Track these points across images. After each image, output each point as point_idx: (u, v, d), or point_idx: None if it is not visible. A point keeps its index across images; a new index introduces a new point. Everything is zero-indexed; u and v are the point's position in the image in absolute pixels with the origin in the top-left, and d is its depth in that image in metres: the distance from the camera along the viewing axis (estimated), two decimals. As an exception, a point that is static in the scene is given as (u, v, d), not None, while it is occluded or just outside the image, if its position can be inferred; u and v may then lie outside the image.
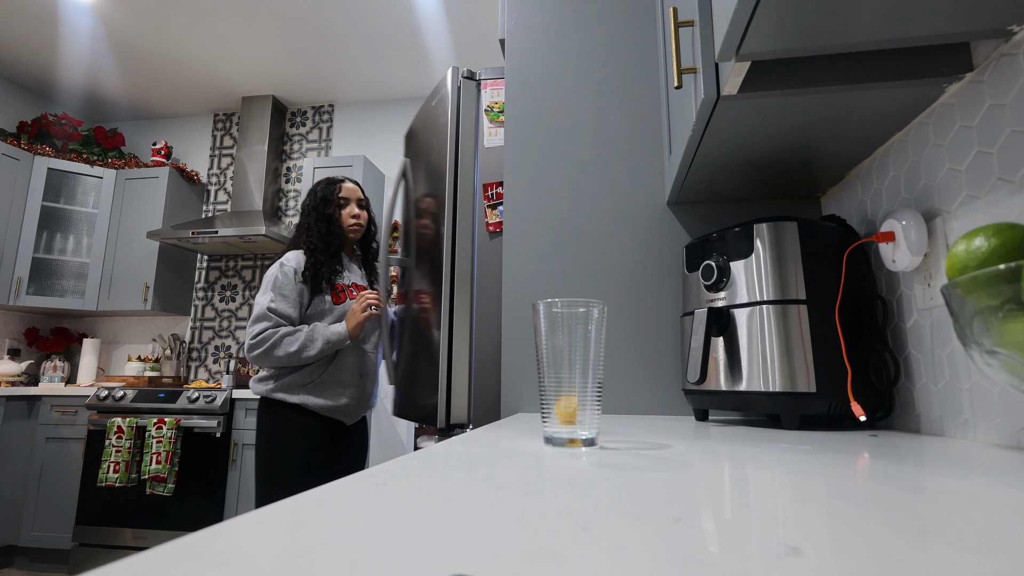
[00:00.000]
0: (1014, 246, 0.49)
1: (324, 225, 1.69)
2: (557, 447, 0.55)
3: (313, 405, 1.59)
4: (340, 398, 1.63)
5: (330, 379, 1.62)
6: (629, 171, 1.26)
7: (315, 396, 1.60)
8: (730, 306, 0.90)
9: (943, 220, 0.73)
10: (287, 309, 1.58)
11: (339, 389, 1.63)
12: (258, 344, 1.54)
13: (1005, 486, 0.37)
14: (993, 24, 0.59)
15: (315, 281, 1.63)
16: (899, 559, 0.21)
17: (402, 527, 0.26)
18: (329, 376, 1.62)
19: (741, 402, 0.87)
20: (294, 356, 1.54)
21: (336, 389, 1.63)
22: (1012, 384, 0.43)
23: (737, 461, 0.48)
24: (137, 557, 0.21)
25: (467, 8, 2.91)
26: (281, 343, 1.54)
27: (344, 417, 1.67)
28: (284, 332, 1.55)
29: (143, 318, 3.76)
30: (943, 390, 0.73)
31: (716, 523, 0.27)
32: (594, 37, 1.33)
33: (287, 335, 1.55)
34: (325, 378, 1.62)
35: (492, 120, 1.57)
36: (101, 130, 3.79)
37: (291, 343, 1.54)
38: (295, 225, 1.78)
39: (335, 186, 1.75)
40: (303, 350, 1.54)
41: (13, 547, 2.94)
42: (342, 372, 1.64)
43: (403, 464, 0.45)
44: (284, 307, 1.58)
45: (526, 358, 1.22)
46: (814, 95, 0.74)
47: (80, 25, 3.06)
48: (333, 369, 1.63)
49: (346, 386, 1.64)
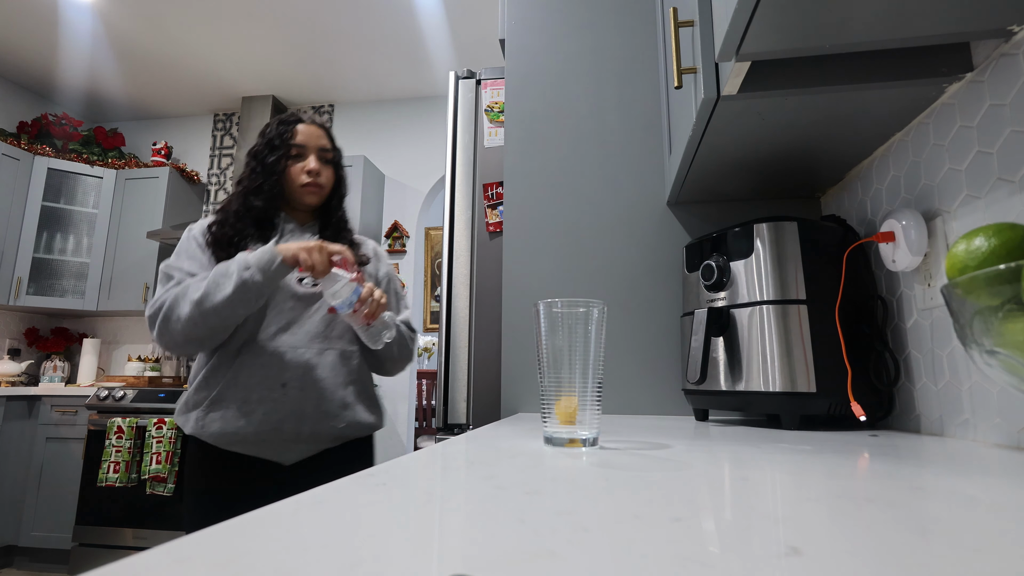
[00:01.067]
0: (1014, 246, 0.49)
1: (263, 179, 1.14)
2: (557, 447, 0.55)
3: (208, 434, 1.04)
4: (241, 420, 1.03)
5: (229, 390, 1.05)
6: (629, 171, 1.26)
7: (210, 420, 1.04)
8: (730, 306, 0.90)
9: (943, 220, 0.73)
10: (194, 268, 1.08)
11: (242, 406, 1.04)
12: (156, 312, 1.02)
13: (1005, 486, 0.37)
14: (993, 24, 0.59)
15: (218, 243, 1.10)
16: (899, 559, 0.21)
17: (402, 527, 0.26)
18: (228, 385, 1.05)
19: (741, 402, 0.87)
20: (204, 310, 0.99)
21: (236, 406, 1.04)
22: (1012, 384, 0.43)
23: (737, 461, 0.48)
24: (137, 557, 0.21)
25: (467, 8, 2.91)
26: (183, 296, 1.01)
27: (269, 452, 1.06)
28: (186, 283, 1.04)
29: (143, 318, 3.75)
30: (943, 390, 0.73)
31: (716, 523, 0.27)
32: (594, 37, 1.33)
33: (189, 285, 1.03)
34: (223, 390, 1.05)
35: (492, 120, 1.57)
36: (101, 130, 3.78)
37: (195, 290, 1.00)
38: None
39: (289, 128, 1.17)
40: (211, 293, 0.99)
41: (13, 547, 2.94)
42: (245, 377, 1.05)
43: (403, 464, 0.45)
44: (190, 266, 1.09)
45: (526, 358, 1.22)
46: (814, 95, 0.74)
47: (80, 25, 3.06)
48: (232, 373, 1.06)
49: (255, 401, 1.04)
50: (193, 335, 1.02)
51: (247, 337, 1.08)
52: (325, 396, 1.09)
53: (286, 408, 1.05)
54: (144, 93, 3.74)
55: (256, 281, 1.00)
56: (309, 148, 1.18)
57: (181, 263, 1.09)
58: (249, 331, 1.08)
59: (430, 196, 3.69)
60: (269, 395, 1.05)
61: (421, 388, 3.82)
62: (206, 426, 1.04)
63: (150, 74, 3.52)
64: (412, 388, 3.49)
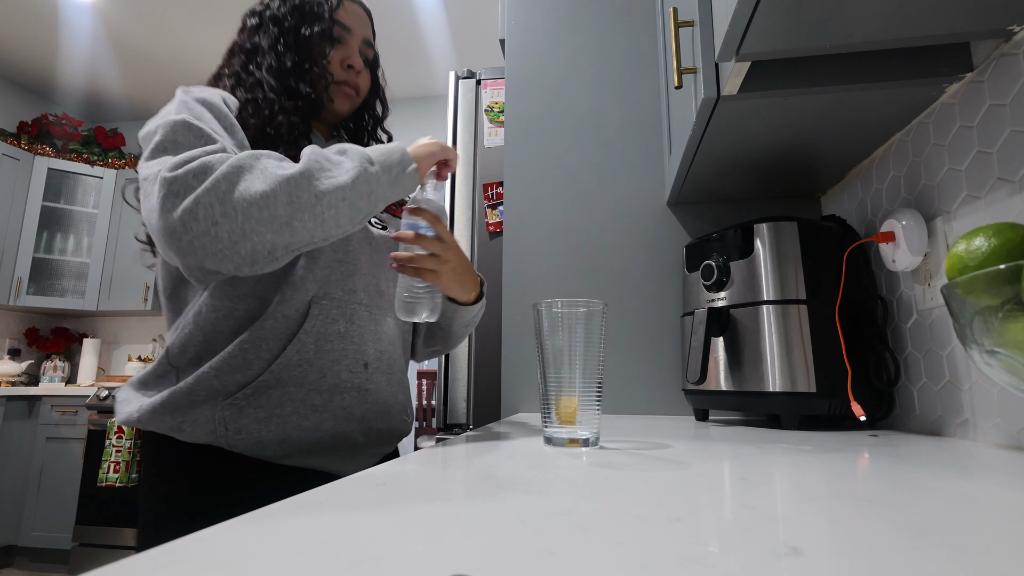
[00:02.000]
0: (1014, 246, 0.49)
1: (294, 55, 0.78)
2: (557, 447, 0.55)
3: (248, 442, 0.65)
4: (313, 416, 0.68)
5: (293, 370, 0.67)
6: (629, 171, 1.26)
7: (251, 418, 0.65)
8: (730, 306, 0.90)
9: (943, 220, 0.73)
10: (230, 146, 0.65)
11: (313, 395, 0.68)
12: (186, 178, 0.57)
13: (1005, 486, 0.37)
14: (993, 24, 0.59)
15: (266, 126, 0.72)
16: (899, 559, 0.21)
17: (402, 527, 0.26)
18: (290, 363, 0.66)
19: (741, 402, 0.87)
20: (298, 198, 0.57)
21: (303, 396, 0.67)
22: (1012, 384, 0.43)
23: (737, 461, 0.48)
24: (137, 557, 0.21)
25: (467, 8, 2.91)
26: (251, 166, 0.58)
27: (334, 463, 0.71)
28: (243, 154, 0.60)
29: (143, 318, 3.75)
30: (943, 390, 0.73)
31: (716, 523, 0.27)
32: (594, 37, 1.33)
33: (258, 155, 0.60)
34: (281, 370, 0.66)
35: (492, 120, 1.57)
36: (101, 130, 3.79)
37: (275, 164, 0.59)
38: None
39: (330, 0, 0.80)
40: (314, 173, 0.59)
41: (13, 547, 2.94)
42: (316, 352, 0.69)
43: (403, 464, 0.45)
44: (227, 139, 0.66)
45: (526, 358, 1.22)
46: (814, 95, 0.74)
47: (80, 25, 3.06)
48: (297, 345, 0.67)
49: (329, 389, 0.69)
50: (256, 236, 0.56)
51: (316, 290, 0.69)
52: (401, 381, 0.81)
53: (370, 398, 0.73)
54: (144, 93, 3.74)
55: (380, 181, 0.62)
56: (355, 34, 0.83)
57: (212, 125, 0.66)
58: (319, 281, 0.70)
59: (430, 196, 3.68)
60: (352, 379, 0.71)
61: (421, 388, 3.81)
62: (243, 429, 0.64)
63: (150, 74, 3.52)
64: (412, 388, 3.50)
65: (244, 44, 0.81)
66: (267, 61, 0.78)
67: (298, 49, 0.79)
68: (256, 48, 0.80)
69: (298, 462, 0.69)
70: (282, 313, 0.67)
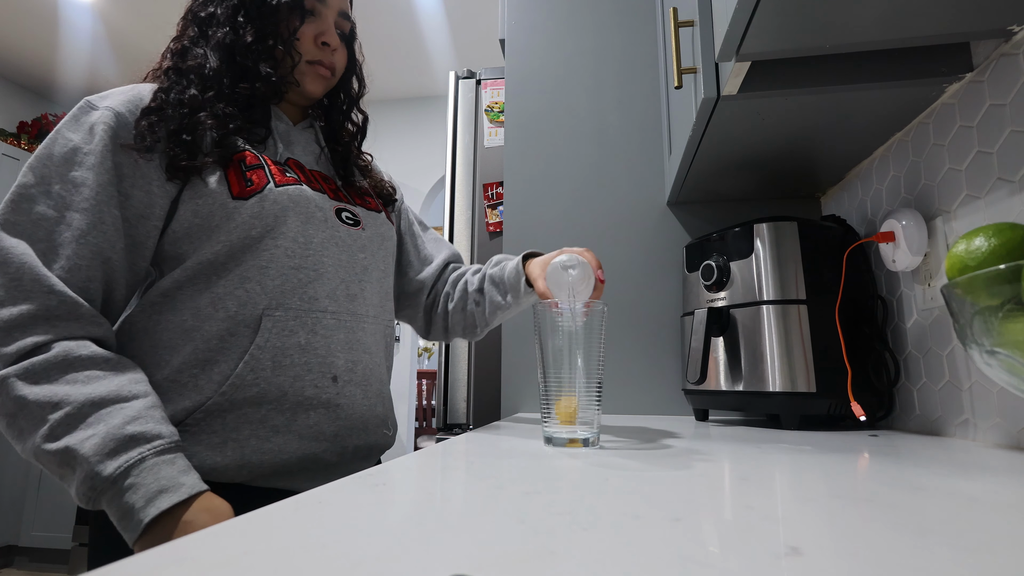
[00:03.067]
0: (1014, 246, 0.49)
1: (256, 29, 0.68)
2: (557, 447, 0.55)
3: (200, 472, 0.55)
4: (276, 438, 0.61)
5: (249, 388, 0.60)
6: (629, 171, 1.26)
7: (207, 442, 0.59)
8: (730, 306, 0.90)
9: (943, 220, 0.73)
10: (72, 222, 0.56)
11: (274, 414, 0.61)
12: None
13: (1005, 486, 0.37)
14: (993, 24, 0.59)
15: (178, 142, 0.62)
16: (899, 559, 0.21)
17: (402, 527, 0.26)
18: (244, 381, 0.60)
19: (741, 402, 0.87)
20: (19, 431, 0.52)
21: (263, 415, 0.61)
22: (1012, 384, 0.43)
23: (737, 461, 0.48)
24: (137, 557, 0.21)
25: (467, 8, 2.91)
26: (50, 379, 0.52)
27: (304, 481, 0.64)
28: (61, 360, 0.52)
29: (143, 318, 3.75)
30: (943, 390, 0.73)
31: (716, 523, 0.27)
32: (594, 37, 1.33)
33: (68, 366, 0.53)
34: (234, 389, 0.59)
35: (492, 120, 1.57)
36: (101, 130, 3.78)
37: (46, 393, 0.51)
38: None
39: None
40: (43, 434, 0.51)
41: (13, 547, 2.94)
42: (276, 366, 0.62)
43: (403, 464, 0.45)
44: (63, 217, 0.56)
45: (526, 358, 1.22)
46: (814, 95, 0.74)
47: (80, 25, 3.06)
48: (251, 360, 0.60)
49: (292, 407, 0.63)
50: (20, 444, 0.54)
51: (267, 302, 0.62)
52: (380, 392, 0.74)
53: (343, 414, 0.66)
54: (144, 93, 3.74)
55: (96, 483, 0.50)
56: (330, 5, 0.73)
57: (57, 207, 0.56)
58: (271, 292, 0.63)
59: (430, 196, 3.69)
60: (318, 395, 0.64)
61: (421, 388, 3.81)
62: (196, 455, 0.57)
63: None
64: (412, 388, 3.49)
65: (198, 12, 0.70)
66: (219, 34, 0.67)
67: (262, 21, 0.68)
68: (211, 17, 0.69)
69: (264, 484, 0.62)
70: (228, 330, 0.61)
